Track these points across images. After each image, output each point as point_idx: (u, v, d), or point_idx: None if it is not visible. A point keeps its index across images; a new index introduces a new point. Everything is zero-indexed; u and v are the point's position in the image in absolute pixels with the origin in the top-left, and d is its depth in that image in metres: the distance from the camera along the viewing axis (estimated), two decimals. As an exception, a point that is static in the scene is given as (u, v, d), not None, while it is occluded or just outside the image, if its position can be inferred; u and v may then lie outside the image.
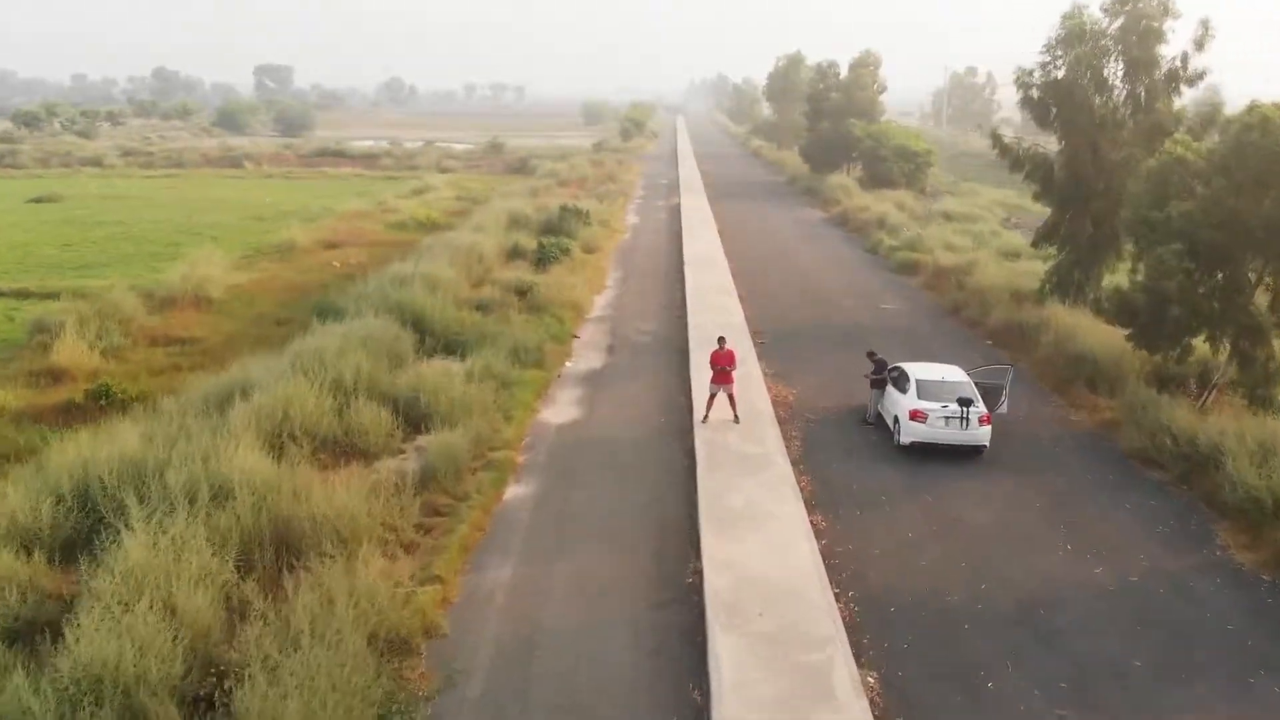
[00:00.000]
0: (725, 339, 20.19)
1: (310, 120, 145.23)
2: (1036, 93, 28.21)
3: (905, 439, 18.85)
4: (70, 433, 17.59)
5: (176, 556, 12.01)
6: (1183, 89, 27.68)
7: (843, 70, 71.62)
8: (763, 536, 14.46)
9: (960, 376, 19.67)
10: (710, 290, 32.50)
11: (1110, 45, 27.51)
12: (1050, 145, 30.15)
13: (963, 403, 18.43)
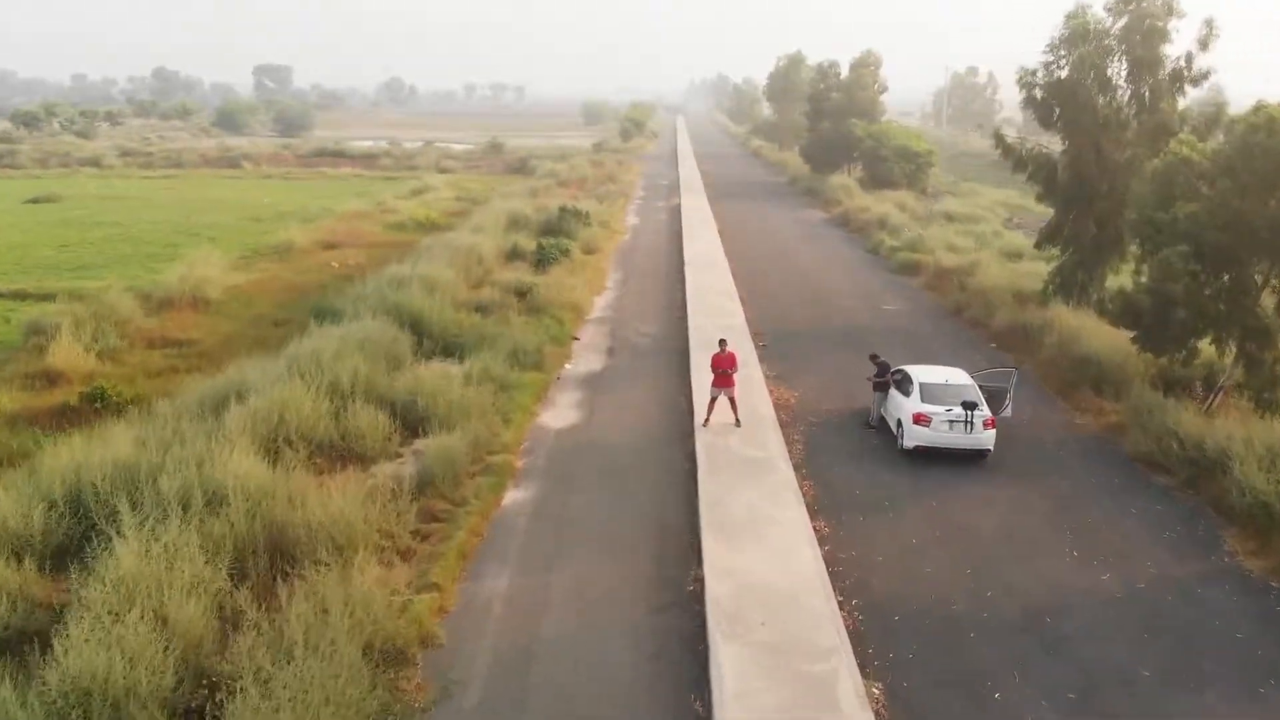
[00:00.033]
0: (726, 341, 19.98)
1: (309, 120, 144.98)
2: (1040, 93, 27.97)
3: (909, 443, 18.64)
4: (64, 436, 17.40)
5: (169, 565, 11.82)
6: (1187, 89, 27.52)
7: (843, 70, 71.47)
8: (765, 543, 14.25)
9: (964, 379, 19.45)
10: (711, 291, 32.29)
11: (1114, 45, 27.31)
12: (1053, 145, 29.97)
13: (967, 406, 18.20)
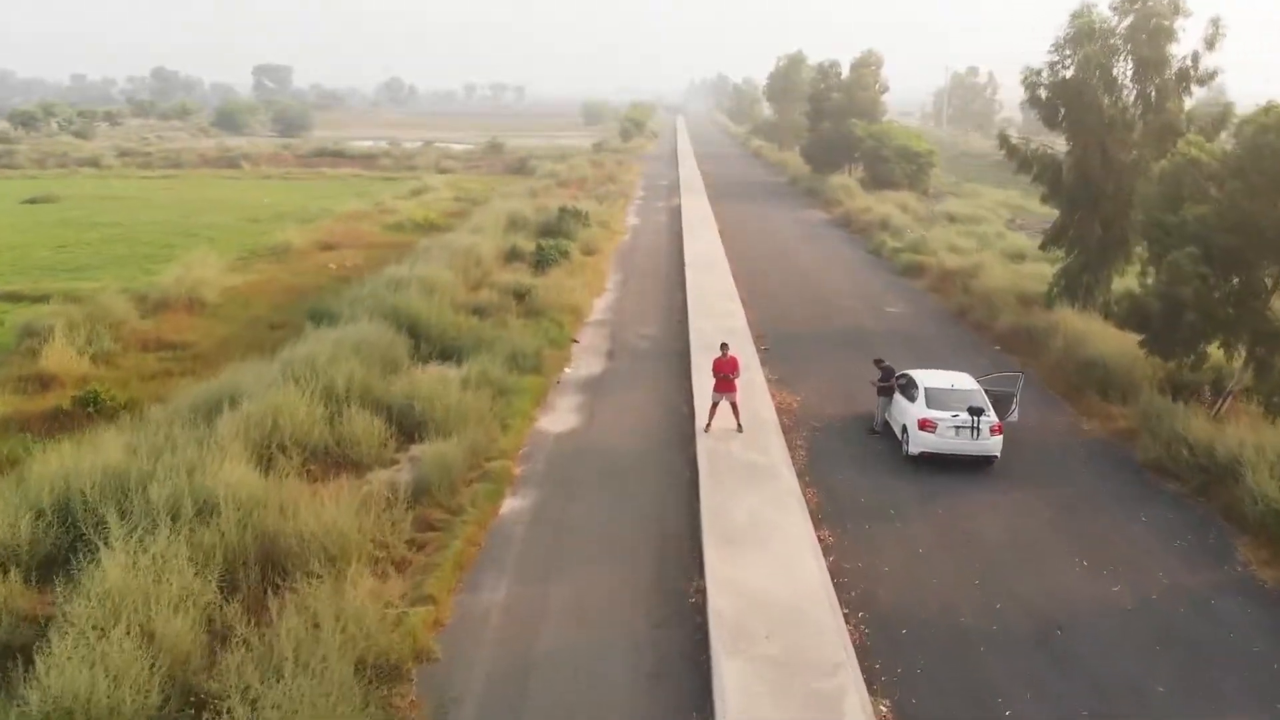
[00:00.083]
0: (728, 345, 19.66)
1: (309, 120, 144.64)
2: (1044, 93, 27.63)
3: (914, 449, 18.30)
4: (55, 442, 17.09)
5: (157, 577, 11.50)
6: (1193, 89, 27.21)
7: (844, 70, 71.18)
8: (768, 553, 13.91)
9: (970, 384, 19.13)
10: (711, 293, 31.96)
11: (1119, 44, 26.97)
12: (1057, 146, 29.67)
13: (973, 411, 17.87)
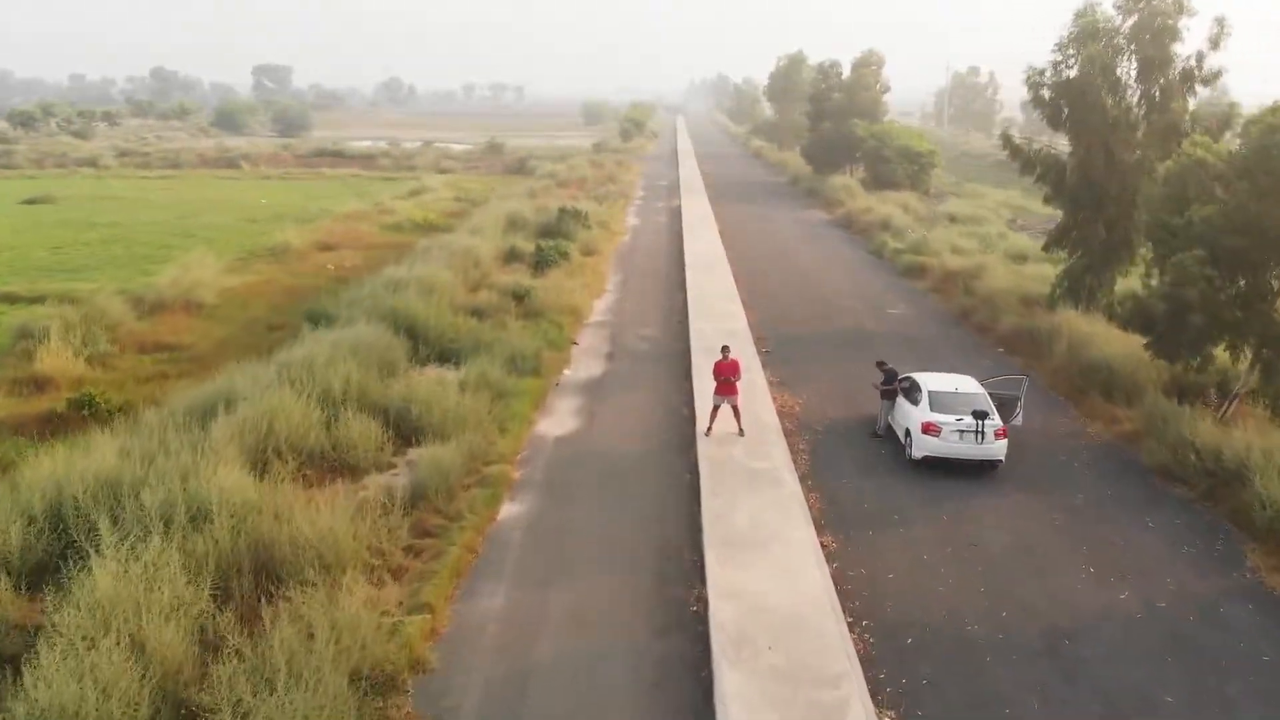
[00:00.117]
0: (729, 348, 19.44)
1: (308, 120, 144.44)
2: (1048, 93, 27.42)
3: (917, 453, 18.07)
4: (48, 446, 16.90)
5: (148, 586, 11.28)
6: (1198, 89, 27.00)
7: (845, 70, 70.96)
8: (771, 561, 13.69)
9: (975, 388, 18.90)
10: (712, 294, 31.76)
11: (1123, 43, 26.77)
12: (1059, 146, 29.45)
13: (978, 415, 17.63)
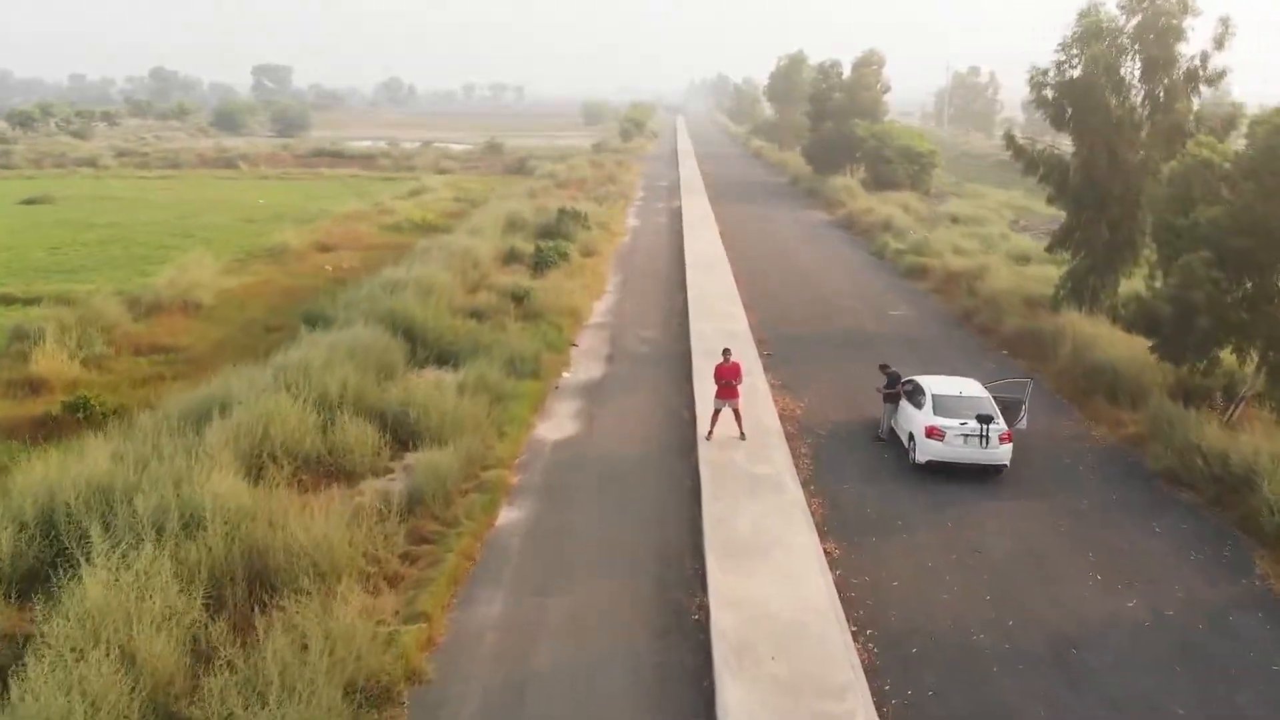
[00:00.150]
0: (730, 351, 19.23)
1: (308, 120, 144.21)
2: (1051, 92, 27.23)
3: (921, 458, 17.85)
4: (41, 450, 16.70)
5: (140, 595, 11.06)
6: (1202, 89, 26.80)
7: (846, 70, 70.73)
8: (773, 568, 13.47)
9: (979, 391, 18.66)
10: (712, 296, 31.55)
11: (1127, 43, 26.58)
12: (1061, 146, 29.23)
13: (982, 419, 17.40)
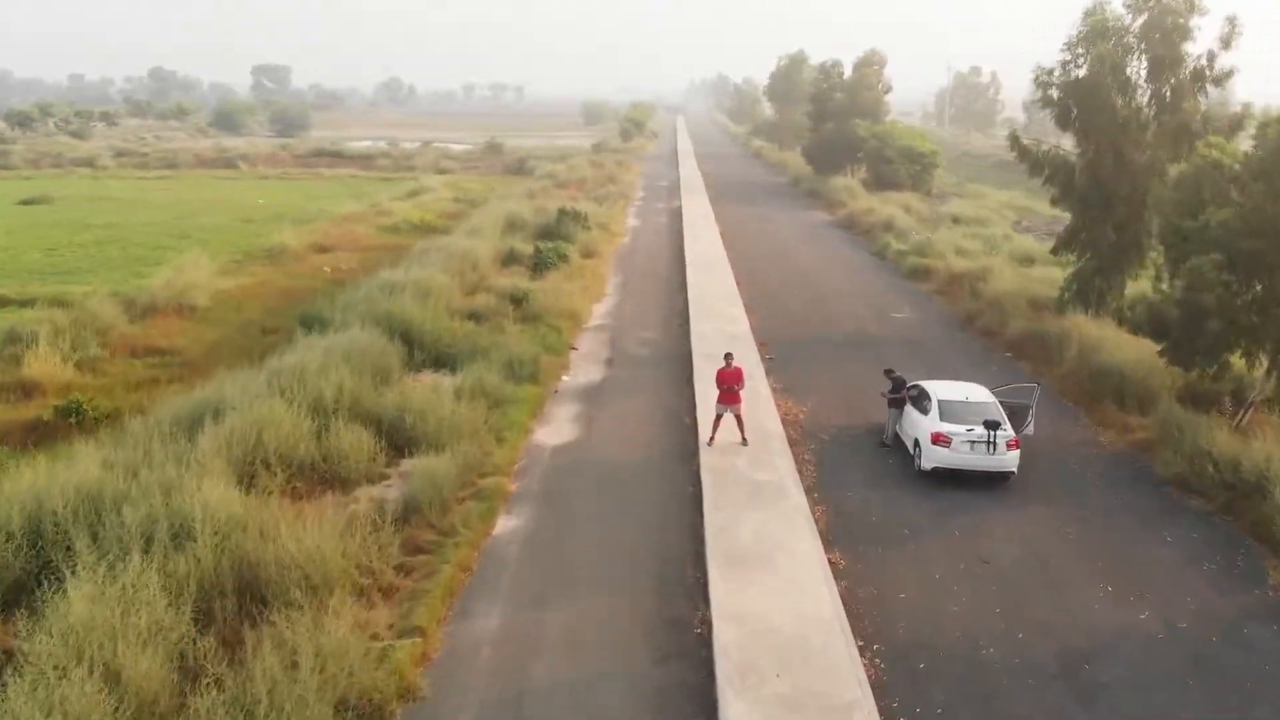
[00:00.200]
0: (732, 355, 18.91)
1: (308, 120, 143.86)
2: (1056, 92, 26.91)
3: (927, 464, 17.52)
4: (31, 456, 16.38)
5: (126, 610, 10.74)
6: (1209, 89, 26.48)
7: (846, 70, 70.42)
8: (777, 580, 13.15)
9: (986, 396, 18.34)
10: (713, 297, 31.24)
11: (1134, 42, 26.23)
12: (1064, 146, 28.89)
13: (989, 425, 17.08)
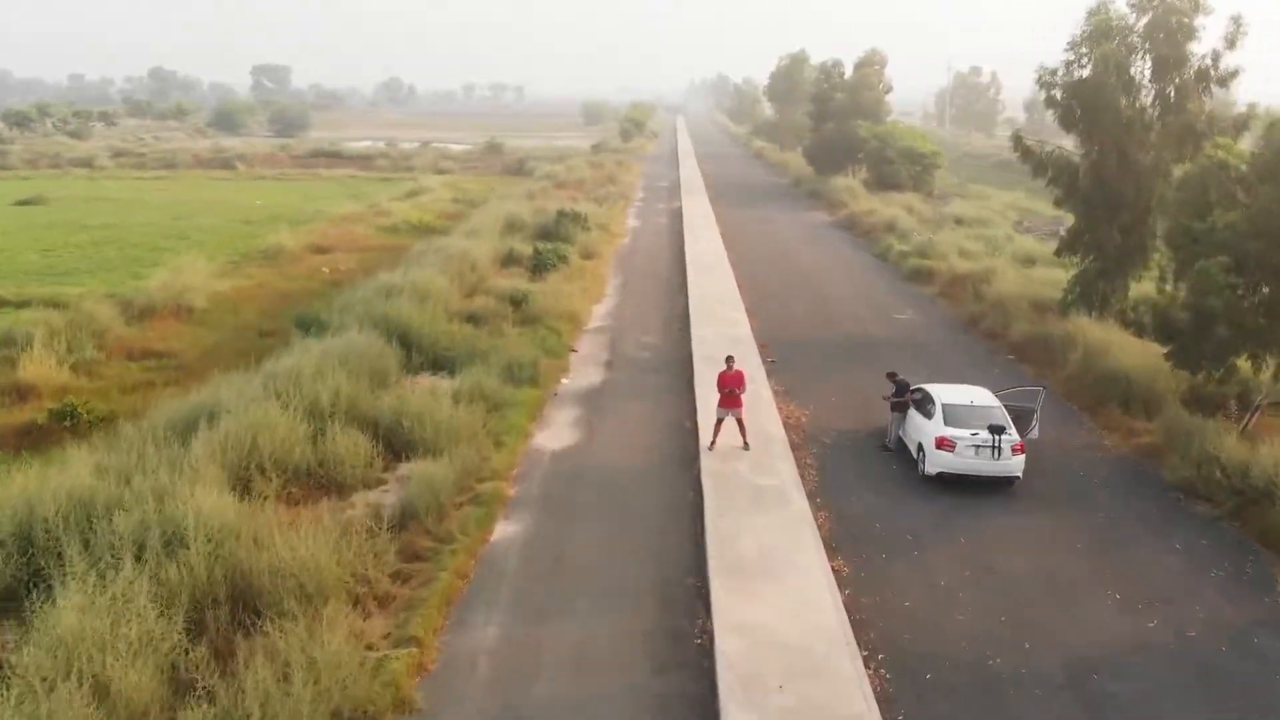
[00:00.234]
0: (734, 359, 18.71)
1: (307, 121, 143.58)
2: (1060, 93, 26.68)
3: (931, 469, 17.30)
4: (24, 461, 16.19)
5: (116, 620, 10.52)
6: (1213, 89, 26.26)
7: (847, 70, 70.19)
8: (780, 589, 12.93)
9: (990, 400, 18.11)
10: (714, 299, 31.02)
11: (1138, 42, 26.02)
12: (1066, 146, 28.66)
13: (994, 430, 16.86)
